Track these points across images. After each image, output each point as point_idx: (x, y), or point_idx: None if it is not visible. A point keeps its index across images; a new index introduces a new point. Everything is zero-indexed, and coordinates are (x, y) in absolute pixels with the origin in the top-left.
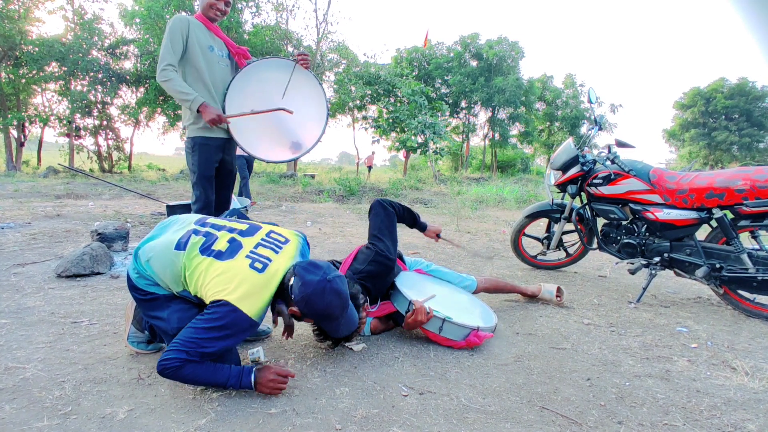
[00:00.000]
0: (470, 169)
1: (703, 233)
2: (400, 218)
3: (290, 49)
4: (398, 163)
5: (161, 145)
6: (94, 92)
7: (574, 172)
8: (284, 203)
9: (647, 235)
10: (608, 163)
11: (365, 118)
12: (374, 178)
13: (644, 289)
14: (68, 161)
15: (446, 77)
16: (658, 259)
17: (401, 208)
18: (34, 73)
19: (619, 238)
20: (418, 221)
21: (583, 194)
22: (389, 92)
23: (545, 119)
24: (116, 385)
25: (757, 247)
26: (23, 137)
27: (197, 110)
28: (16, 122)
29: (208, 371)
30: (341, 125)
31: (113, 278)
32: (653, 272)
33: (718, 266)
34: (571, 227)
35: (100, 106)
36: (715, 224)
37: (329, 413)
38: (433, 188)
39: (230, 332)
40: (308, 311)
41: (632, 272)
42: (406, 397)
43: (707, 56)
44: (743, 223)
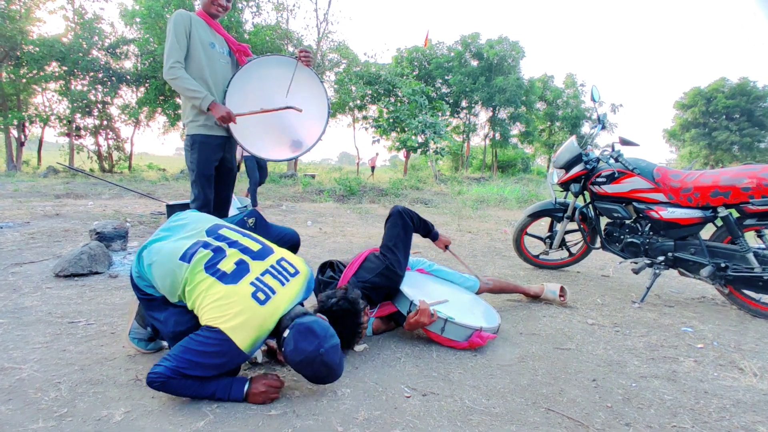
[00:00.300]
0: (471, 169)
1: (707, 232)
2: (415, 229)
3: (291, 48)
4: (398, 163)
5: (161, 145)
6: (94, 92)
7: (577, 170)
8: (284, 203)
9: (651, 234)
10: (612, 161)
11: (365, 117)
12: (375, 178)
13: (648, 288)
14: (68, 161)
15: (447, 77)
16: (662, 258)
17: (418, 219)
18: (34, 72)
19: (622, 237)
20: (432, 231)
21: (586, 193)
22: (390, 92)
23: (546, 119)
24: (113, 386)
25: (762, 246)
26: (23, 137)
27: (207, 109)
28: (16, 122)
29: (194, 386)
30: (341, 125)
31: (111, 278)
32: (657, 272)
33: (723, 265)
34: (573, 226)
35: (100, 105)
36: (720, 223)
37: (330, 415)
38: (433, 188)
39: (219, 361)
40: (295, 369)
41: (636, 272)
42: (408, 398)
43: (708, 56)
44: (749, 221)
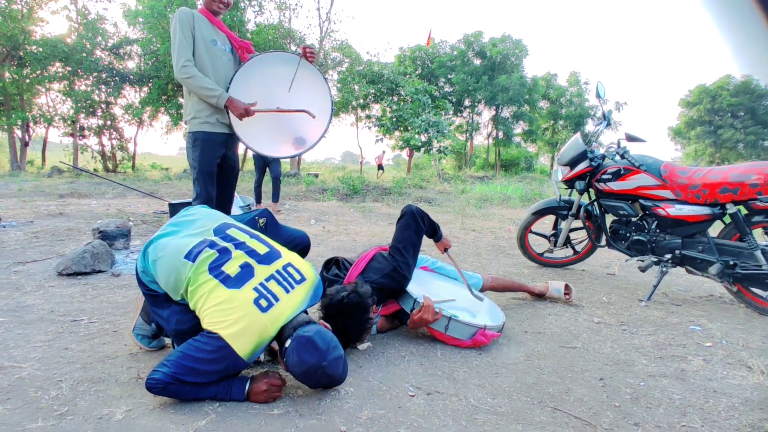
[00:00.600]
0: (474, 167)
1: (715, 229)
2: (425, 231)
3: (293, 47)
4: (402, 162)
5: (164, 144)
6: (97, 92)
7: (582, 167)
8: (288, 202)
9: (658, 231)
10: (618, 158)
11: (369, 117)
12: (380, 176)
13: (655, 287)
14: (72, 161)
15: (450, 76)
16: (669, 256)
17: (429, 221)
18: (38, 73)
19: (628, 234)
20: (438, 233)
21: (591, 190)
22: (392, 91)
23: (549, 117)
24: (115, 384)
25: None
26: (27, 137)
27: (224, 106)
28: (20, 122)
29: (194, 390)
30: (345, 124)
31: (114, 276)
32: (664, 270)
33: (731, 263)
34: (578, 224)
35: (103, 105)
36: (728, 220)
37: (334, 414)
38: (437, 187)
39: (217, 367)
40: (297, 379)
41: (642, 270)
42: (413, 397)
43: (713, 53)
44: (757, 218)
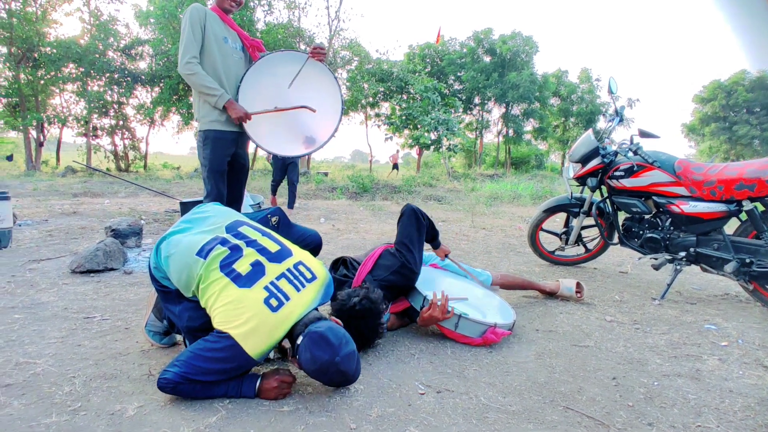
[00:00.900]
0: (484, 165)
1: (731, 227)
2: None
3: (302, 46)
4: (411, 160)
5: (176, 144)
6: (110, 92)
7: (594, 164)
8: (298, 200)
9: (672, 229)
10: (630, 154)
11: (378, 115)
12: (388, 175)
13: (669, 285)
14: (86, 161)
15: (459, 73)
16: (683, 254)
17: (429, 221)
18: (52, 74)
19: (641, 232)
20: (437, 238)
21: (603, 187)
22: (402, 89)
23: (560, 115)
24: (126, 381)
25: None
26: (42, 137)
27: (222, 107)
28: (35, 123)
29: (205, 389)
30: (354, 123)
31: (126, 274)
32: (678, 268)
33: (747, 261)
34: (590, 222)
35: (116, 106)
36: (744, 217)
37: (343, 411)
38: (446, 185)
39: (228, 366)
40: (310, 376)
41: (656, 268)
42: (423, 395)
43: (727, 48)
44: None
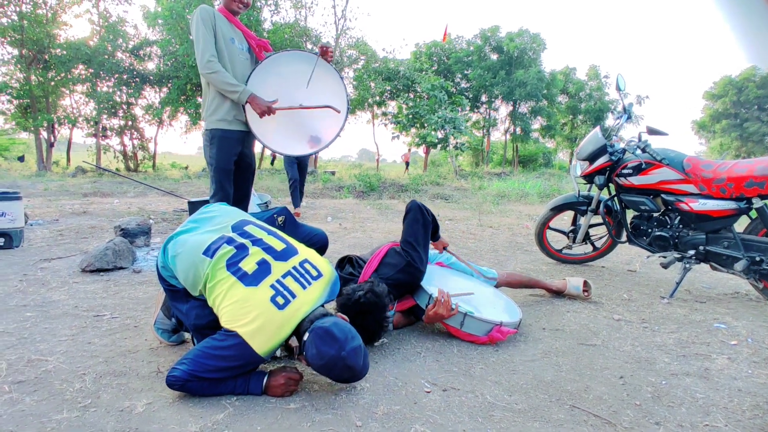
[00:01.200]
0: (491, 164)
1: (741, 225)
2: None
3: (309, 46)
4: (418, 159)
5: (184, 144)
6: (119, 93)
7: (601, 162)
8: (305, 199)
9: (681, 227)
10: (639, 152)
11: (385, 114)
12: (394, 174)
13: (678, 283)
14: (95, 161)
15: (466, 71)
16: (692, 252)
17: (433, 217)
18: (62, 75)
19: (650, 230)
20: (437, 232)
21: (611, 185)
22: (409, 88)
23: (568, 112)
24: (135, 378)
25: None
26: (53, 138)
27: (246, 102)
28: (46, 124)
29: (212, 386)
30: (361, 122)
31: (135, 273)
32: (687, 266)
33: (758, 259)
34: (598, 220)
35: (125, 106)
36: (754, 215)
37: (349, 409)
38: (453, 183)
39: (235, 364)
40: (318, 372)
41: (665, 266)
42: (428, 393)
43: (730, 46)
44: None
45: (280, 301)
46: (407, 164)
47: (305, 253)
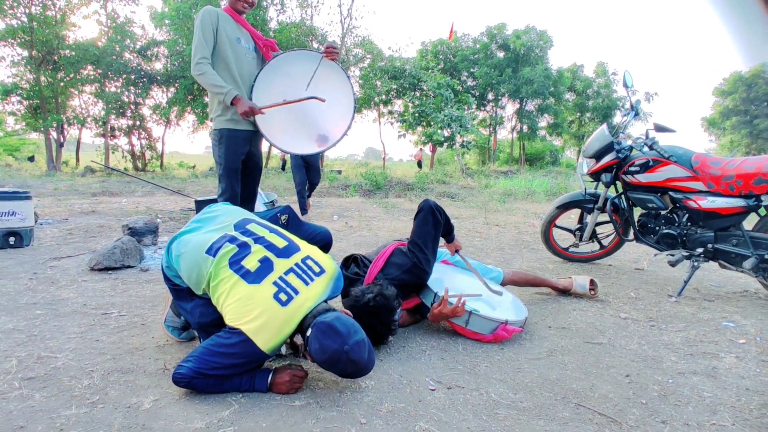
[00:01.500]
0: (498, 162)
1: (750, 222)
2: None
3: (315, 45)
4: (425, 157)
5: (191, 143)
6: (127, 93)
7: (608, 159)
8: (312, 198)
9: (689, 224)
10: (646, 149)
11: (391, 112)
12: (400, 173)
13: (686, 282)
14: (104, 161)
15: (472, 69)
16: (701, 250)
17: (446, 217)
18: (71, 76)
19: (658, 228)
20: (451, 233)
21: (618, 183)
22: (415, 86)
23: (575, 110)
24: (143, 375)
25: None
26: (62, 138)
27: (231, 103)
28: (55, 124)
29: (218, 383)
30: (367, 120)
31: (143, 271)
32: (696, 264)
33: (767, 257)
34: (605, 218)
35: (133, 106)
36: (763, 212)
37: (354, 406)
38: (460, 182)
39: (240, 361)
40: (323, 368)
41: (672, 264)
42: (433, 391)
43: (724, 45)
44: None
45: (282, 297)
46: (419, 163)
47: (307, 249)
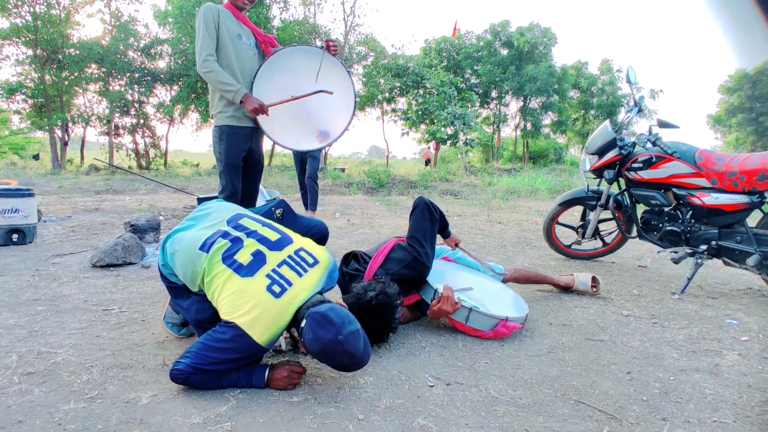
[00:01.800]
0: (501, 160)
1: (754, 219)
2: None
3: (318, 43)
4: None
5: (194, 141)
6: (131, 92)
7: (611, 156)
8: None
9: (692, 221)
10: (649, 145)
11: (394, 110)
12: (404, 171)
13: (689, 279)
14: (108, 160)
15: (476, 67)
16: (704, 247)
17: (440, 213)
18: (75, 75)
19: (661, 225)
20: (447, 229)
21: (621, 180)
22: (418, 84)
23: (580, 107)
24: (142, 370)
25: None
26: (67, 137)
27: (240, 101)
28: (60, 122)
29: (216, 378)
30: (370, 118)
31: (144, 268)
32: (699, 261)
33: None
34: (608, 215)
35: (137, 105)
36: (767, 209)
37: (351, 402)
38: (463, 180)
39: (237, 356)
40: (318, 359)
41: (676, 261)
42: (432, 387)
43: (753, 38)
44: None
45: (276, 289)
46: (428, 162)
47: (300, 242)
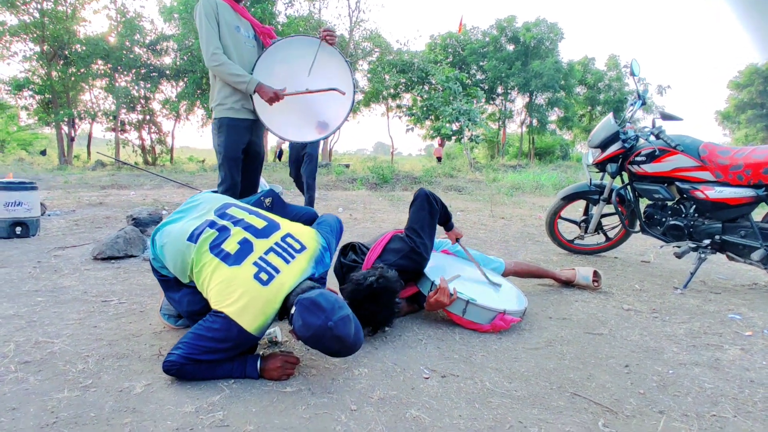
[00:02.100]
0: (507, 156)
1: (759, 213)
2: (439, 213)
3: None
4: (433, 151)
5: (200, 137)
6: (136, 88)
7: (614, 149)
8: (317, 191)
9: (696, 215)
10: (652, 138)
11: (399, 106)
12: (409, 166)
13: (692, 274)
14: (114, 155)
15: (481, 63)
16: (708, 241)
17: (442, 205)
18: (82, 71)
19: (664, 219)
20: (449, 221)
21: (624, 173)
22: (423, 80)
23: (586, 103)
24: (137, 360)
25: None
26: (73, 133)
27: (254, 91)
28: (66, 118)
29: (209, 369)
30: (375, 114)
31: (145, 260)
32: (703, 256)
33: None
34: (610, 209)
35: (143, 101)
36: None
37: (345, 393)
38: (468, 176)
39: (228, 344)
40: (308, 345)
41: (679, 256)
42: (427, 379)
43: (736, 37)
44: None
45: (263, 277)
46: (439, 159)
47: (288, 227)
